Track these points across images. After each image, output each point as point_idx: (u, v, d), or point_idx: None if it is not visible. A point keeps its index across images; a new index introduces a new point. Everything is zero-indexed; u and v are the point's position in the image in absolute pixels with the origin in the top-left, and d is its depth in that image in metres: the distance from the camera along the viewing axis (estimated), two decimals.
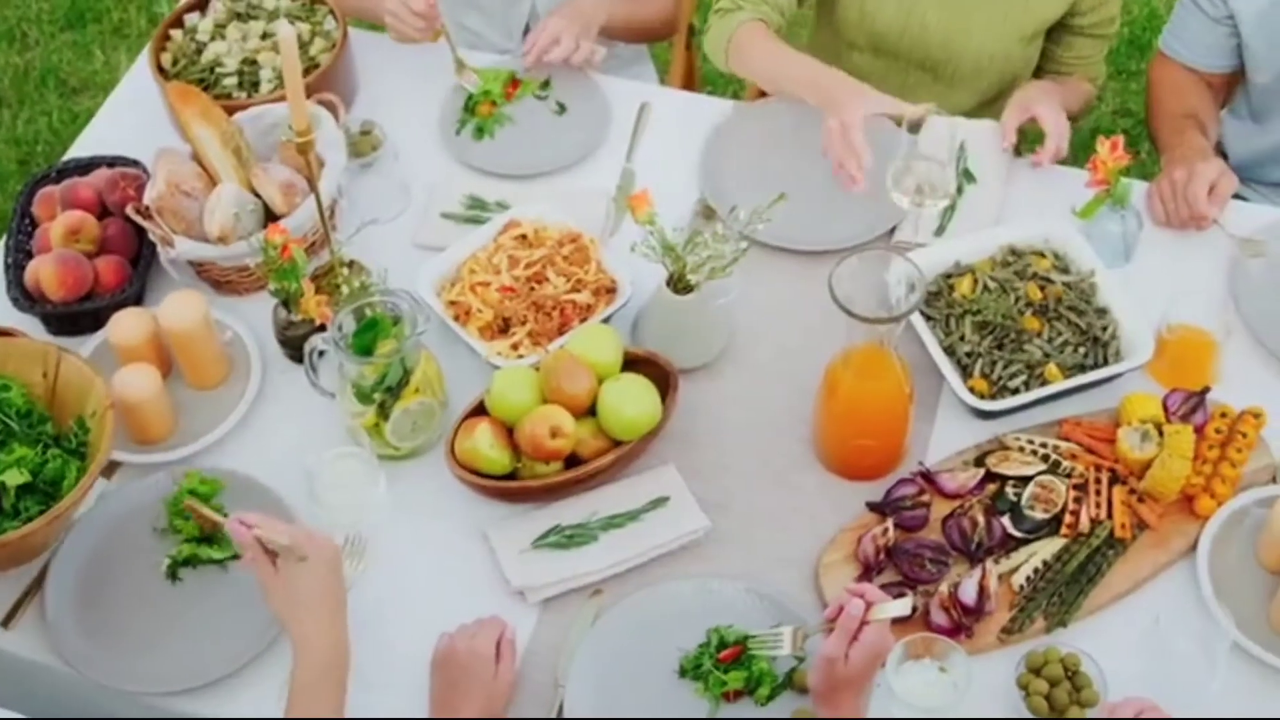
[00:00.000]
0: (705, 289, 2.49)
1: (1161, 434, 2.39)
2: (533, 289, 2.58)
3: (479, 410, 2.42)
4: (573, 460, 2.39)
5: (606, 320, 2.55)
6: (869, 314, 2.21)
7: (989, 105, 3.10)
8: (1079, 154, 2.90)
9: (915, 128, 2.64)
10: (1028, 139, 2.87)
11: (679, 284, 2.48)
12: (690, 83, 3.63)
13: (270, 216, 2.65)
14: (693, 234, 2.45)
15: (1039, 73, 3.16)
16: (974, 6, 2.95)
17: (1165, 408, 2.45)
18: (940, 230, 2.75)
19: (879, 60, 3.08)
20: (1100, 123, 4.53)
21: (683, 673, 2.24)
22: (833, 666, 2.00)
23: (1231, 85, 3.13)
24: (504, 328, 2.55)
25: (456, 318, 2.56)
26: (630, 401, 2.37)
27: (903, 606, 2.02)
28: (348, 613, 2.14)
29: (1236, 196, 2.87)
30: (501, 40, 3.31)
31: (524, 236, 2.65)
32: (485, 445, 2.35)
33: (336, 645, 2.10)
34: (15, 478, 2.31)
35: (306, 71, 2.88)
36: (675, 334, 2.53)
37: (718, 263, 2.44)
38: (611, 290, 2.59)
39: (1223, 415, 2.45)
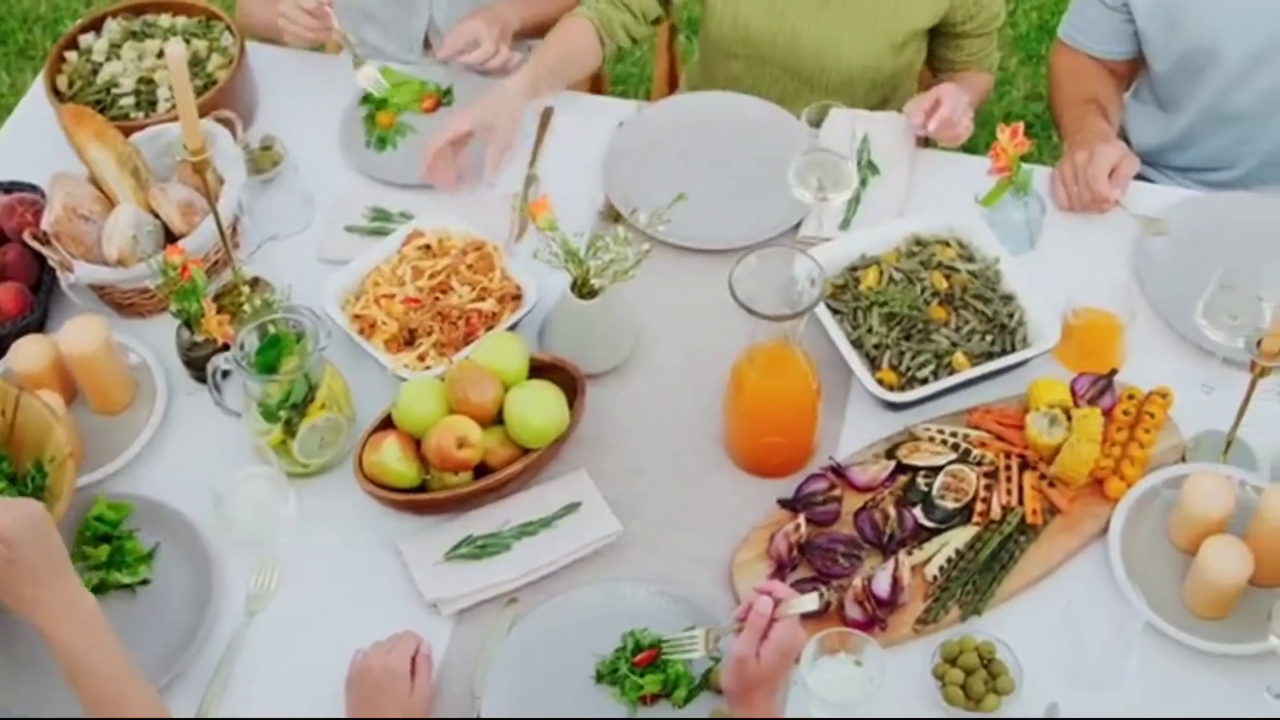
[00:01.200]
0: (611, 292, 2.48)
1: (1070, 418, 2.40)
2: (437, 299, 2.56)
3: (386, 424, 2.41)
4: (483, 470, 2.38)
5: (512, 328, 2.54)
6: (770, 311, 2.21)
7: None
8: (988, 142, 2.90)
9: (817, 122, 2.63)
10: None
11: (583, 289, 2.47)
12: (599, 85, 3.61)
13: (170, 237, 2.62)
14: (594, 238, 2.45)
15: (935, 75, 3.17)
16: (843, 16, 2.96)
17: (1073, 392, 2.46)
18: (846, 224, 2.75)
19: (755, 68, 3.09)
20: (1012, 108, 4.55)
21: (599, 678, 2.23)
22: (744, 666, 2.00)
23: (1134, 70, 3.15)
24: (409, 340, 2.54)
25: (361, 331, 2.55)
26: (537, 408, 2.36)
27: (811, 601, 2.02)
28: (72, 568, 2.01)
29: (1142, 179, 2.89)
30: (401, 53, 3.29)
31: (427, 246, 2.63)
32: (393, 458, 2.34)
33: (80, 613, 1.98)
34: None
35: (204, 88, 2.86)
36: (582, 339, 2.52)
37: (621, 266, 2.43)
38: (517, 297, 2.58)
39: (1130, 397, 2.46)
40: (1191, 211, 2.78)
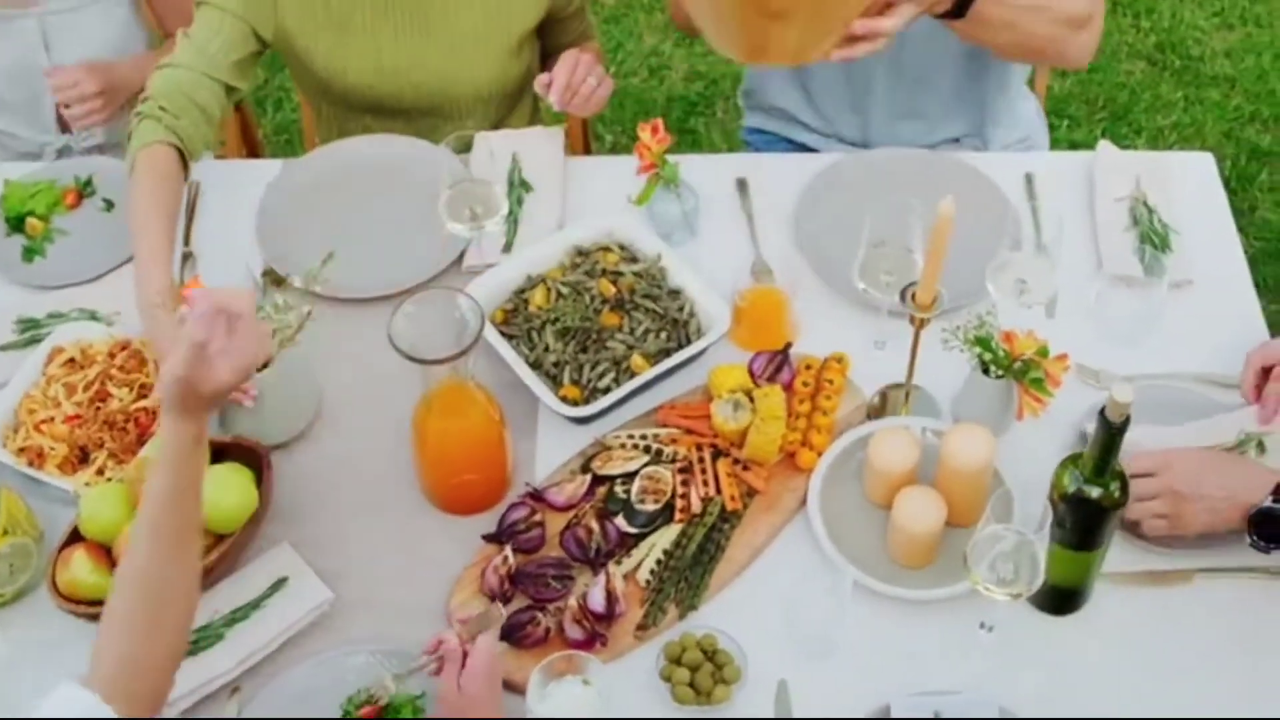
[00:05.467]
0: (283, 359, 2.45)
1: (752, 399, 2.44)
2: (99, 409, 2.49)
3: (75, 537, 2.34)
4: None
5: None
6: (437, 354, 2.20)
7: (505, 120, 3.13)
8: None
9: (462, 150, 2.63)
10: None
11: None
12: (253, 145, 3.56)
13: None
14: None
15: (547, 62, 3.16)
16: (451, 46, 2.95)
17: (751, 372, 2.51)
18: (508, 246, 2.76)
19: (386, 120, 3.07)
20: (673, 90, 4.61)
21: None
22: (447, 700, 2.03)
23: None
24: (83, 457, 2.47)
25: (31, 463, 2.46)
26: (223, 492, 2.32)
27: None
28: None
29: (807, 150, 2.94)
30: (35, 135, 3.22)
31: (72, 360, 2.56)
32: (84, 572, 2.27)
33: None
34: None
35: None
36: (262, 412, 2.48)
37: (285, 333, 2.41)
38: None
39: (808, 367, 2.52)
40: (839, 173, 2.85)
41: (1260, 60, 4.86)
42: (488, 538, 2.38)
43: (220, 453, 2.41)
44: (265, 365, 2.44)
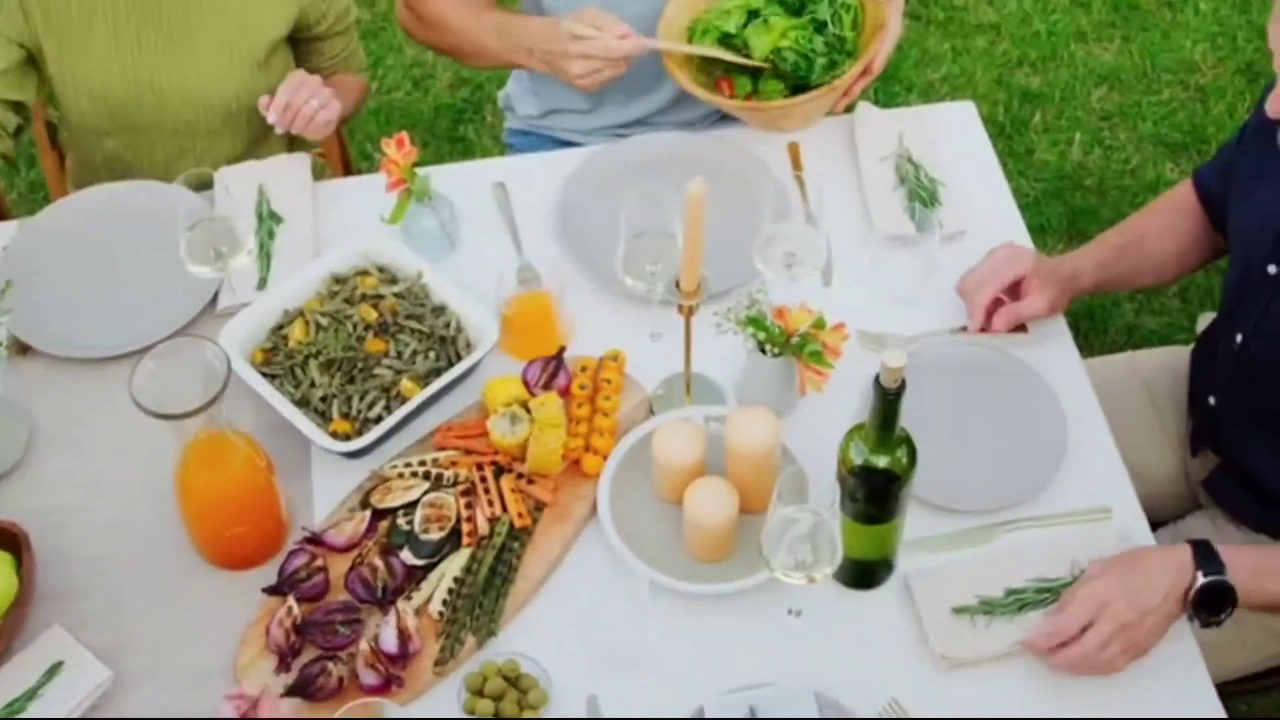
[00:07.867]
0: None
1: (529, 410, 2.36)
2: None
3: None
4: None
5: None
6: (171, 410, 2.08)
7: (260, 142, 3.02)
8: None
9: (200, 187, 2.51)
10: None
11: None
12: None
13: None
14: None
15: None
16: (194, 50, 2.85)
17: (525, 382, 2.42)
18: (263, 282, 2.64)
19: (132, 140, 2.95)
20: (440, 100, 4.52)
21: None
22: None
23: None
24: None
25: None
26: None
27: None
28: None
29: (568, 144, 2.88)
30: None
31: None
32: None
33: None
34: None
35: None
36: None
37: None
38: None
39: (583, 369, 2.44)
40: (596, 166, 2.78)
41: (1022, 4, 4.87)
42: (268, 590, 2.26)
43: None
44: None
